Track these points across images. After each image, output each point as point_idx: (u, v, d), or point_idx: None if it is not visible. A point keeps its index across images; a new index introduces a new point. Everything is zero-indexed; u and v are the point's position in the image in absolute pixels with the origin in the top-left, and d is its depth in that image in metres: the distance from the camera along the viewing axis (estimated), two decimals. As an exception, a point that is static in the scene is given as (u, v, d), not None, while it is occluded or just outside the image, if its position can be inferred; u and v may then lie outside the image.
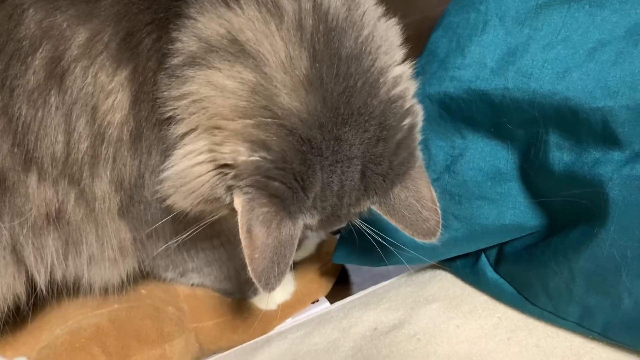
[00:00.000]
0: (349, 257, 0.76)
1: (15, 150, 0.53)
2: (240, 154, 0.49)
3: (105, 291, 0.70)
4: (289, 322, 0.81)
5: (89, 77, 0.52)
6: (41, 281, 0.62)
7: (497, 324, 0.70)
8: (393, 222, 0.57)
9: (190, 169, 0.53)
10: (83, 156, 0.55)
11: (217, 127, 0.50)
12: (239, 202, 0.51)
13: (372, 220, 0.60)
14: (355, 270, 0.90)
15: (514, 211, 0.65)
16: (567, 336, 0.66)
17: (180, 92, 0.51)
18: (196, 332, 0.77)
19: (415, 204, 0.56)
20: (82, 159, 0.55)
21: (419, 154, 0.57)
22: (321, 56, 0.48)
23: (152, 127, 0.55)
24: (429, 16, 1.01)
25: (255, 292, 0.80)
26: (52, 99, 0.53)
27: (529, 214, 0.65)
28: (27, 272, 0.62)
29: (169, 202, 0.56)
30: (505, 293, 0.70)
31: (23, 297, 0.64)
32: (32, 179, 0.55)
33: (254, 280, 0.51)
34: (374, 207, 0.57)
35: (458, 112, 0.66)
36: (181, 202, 0.55)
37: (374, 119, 0.51)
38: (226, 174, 0.51)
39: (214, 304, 0.80)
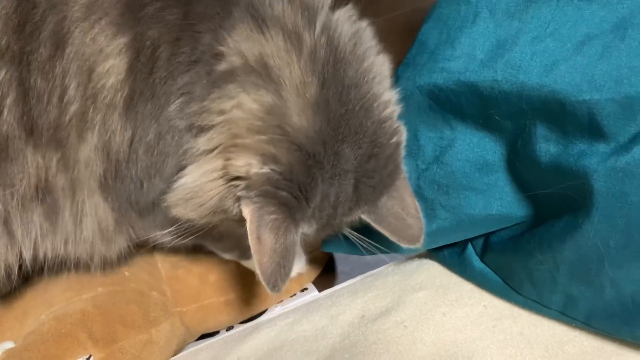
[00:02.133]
0: (338, 246, 0.77)
1: (24, 119, 0.55)
2: (253, 166, 0.54)
3: (87, 268, 0.70)
4: (277, 310, 0.82)
5: (87, 38, 0.54)
6: (27, 257, 0.63)
7: (483, 312, 0.71)
8: (380, 230, 0.63)
9: (202, 185, 0.57)
10: (72, 118, 0.56)
11: (234, 145, 0.55)
12: (248, 211, 0.55)
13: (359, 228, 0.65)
14: (343, 259, 0.91)
15: (501, 202, 0.66)
16: (550, 324, 0.67)
17: (218, 108, 0.55)
18: (180, 315, 0.78)
19: (401, 212, 0.63)
20: (70, 122, 0.56)
21: (404, 167, 0.64)
22: (329, 83, 0.55)
23: (148, 100, 0.56)
24: (420, 8, 1.01)
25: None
26: (57, 67, 0.55)
27: (516, 204, 0.66)
28: (17, 245, 0.62)
29: (174, 212, 0.60)
30: (490, 282, 0.71)
31: (15, 269, 0.64)
32: (29, 149, 0.57)
33: (263, 282, 0.55)
34: (364, 216, 0.62)
35: (447, 103, 0.67)
36: (189, 213, 0.60)
37: (367, 137, 0.57)
38: (237, 185, 0.56)
39: (197, 287, 0.80)
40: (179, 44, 0.55)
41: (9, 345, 0.72)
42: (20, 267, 0.65)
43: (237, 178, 0.55)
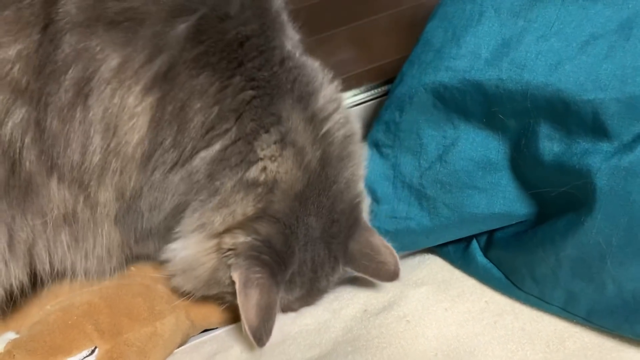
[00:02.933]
0: None
1: (42, 158, 0.60)
2: (239, 238, 0.64)
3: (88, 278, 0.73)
4: (279, 304, 0.83)
5: (116, 98, 0.59)
6: (42, 271, 0.68)
7: (485, 308, 0.71)
8: (360, 274, 0.72)
9: (198, 258, 0.67)
10: (94, 167, 0.62)
11: (228, 231, 0.65)
12: (237, 274, 0.65)
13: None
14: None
15: (504, 200, 0.66)
16: (551, 320, 0.68)
17: (225, 213, 0.64)
18: (186, 309, 0.78)
19: (370, 253, 0.71)
20: (93, 169, 0.62)
21: (365, 218, 0.72)
22: (312, 183, 0.66)
23: (164, 152, 0.62)
24: (423, 4, 1.02)
25: None
26: (77, 114, 0.59)
27: (519, 203, 0.66)
28: (32, 263, 0.66)
29: (173, 282, 0.71)
30: (493, 277, 0.72)
31: (26, 283, 0.67)
32: (54, 183, 0.61)
33: (250, 337, 0.65)
34: (346, 269, 0.72)
35: (452, 101, 0.68)
36: (186, 285, 0.70)
37: (326, 209, 0.67)
38: (228, 256, 0.65)
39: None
40: (221, 115, 0.62)
41: (12, 336, 0.72)
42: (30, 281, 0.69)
43: (228, 250, 0.65)
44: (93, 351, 0.69)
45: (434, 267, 0.79)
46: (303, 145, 0.65)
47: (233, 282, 0.65)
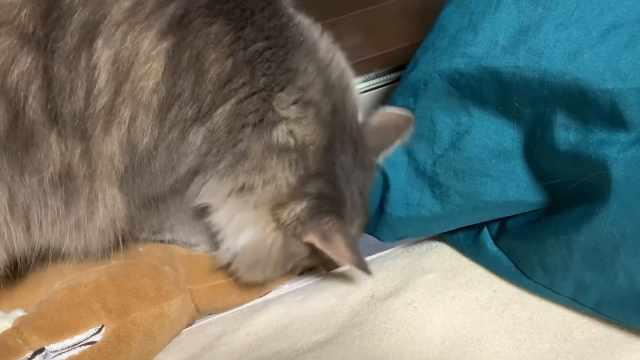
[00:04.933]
0: None
1: (48, 107, 0.57)
2: (296, 208, 0.66)
3: (85, 257, 0.70)
4: (285, 288, 0.83)
5: (128, 41, 0.57)
6: (35, 240, 0.64)
7: (492, 297, 0.71)
8: (391, 148, 0.75)
9: (262, 247, 0.69)
10: (99, 112, 0.58)
11: (278, 204, 0.66)
12: (311, 236, 0.67)
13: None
14: (351, 241, 0.91)
15: (517, 189, 0.66)
16: (559, 310, 0.68)
17: (264, 177, 0.65)
18: (191, 293, 0.78)
19: (383, 131, 0.74)
20: (97, 115, 0.58)
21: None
22: (334, 132, 0.68)
23: (186, 105, 0.60)
24: (436, -11, 1.01)
25: None
26: (83, 59, 0.56)
27: (532, 192, 0.66)
28: (29, 229, 0.63)
29: (245, 278, 0.74)
30: (502, 266, 0.71)
31: (27, 251, 0.65)
32: (53, 137, 0.58)
33: (360, 270, 0.69)
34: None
35: (467, 88, 0.67)
36: (260, 275, 0.73)
37: (349, 143, 0.70)
38: (293, 228, 0.67)
39: (209, 267, 0.80)
40: (236, 67, 0.60)
41: (20, 313, 0.72)
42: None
43: (291, 223, 0.67)
44: (100, 330, 0.69)
45: (442, 254, 0.79)
46: (319, 100, 0.66)
47: (308, 247, 0.69)
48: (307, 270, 0.82)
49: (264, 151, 0.64)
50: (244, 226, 0.68)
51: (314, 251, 0.70)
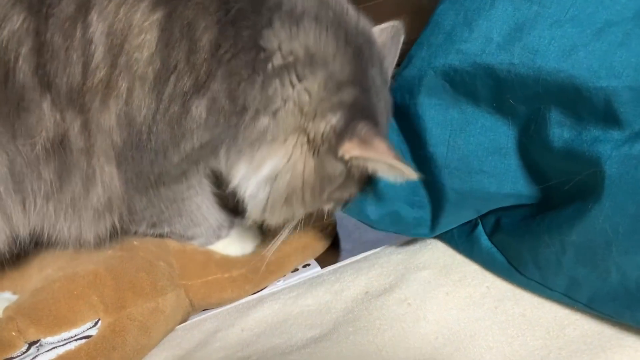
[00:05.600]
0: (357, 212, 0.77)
1: (39, 72, 0.56)
2: (330, 121, 0.63)
3: (80, 245, 0.69)
4: (280, 285, 0.83)
5: (120, 13, 0.57)
6: (31, 217, 0.64)
7: (486, 293, 0.72)
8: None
9: (294, 171, 0.65)
10: (97, 85, 0.58)
11: (309, 119, 0.64)
12: (351, 146, 0.63)
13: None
14: (346, 237, 0.92)
15: (514, 185, 0.66)
16: (552, 307, 0.68)
17: (284, 96, 0.62)
18: (186, 289, 0.78)
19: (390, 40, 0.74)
20: (95, 88, 0.58)
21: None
22: (346, 41, 0.64)
23: (184, 76, 0.59)
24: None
25: (219, 236, 0.82)
26: (78, 30, 0.56)
27: (528, 187, 0.66)
28: (25, 203, 0.63)
29: (277, 218, 0.70)
30: (495, 262, 0.72)
31: (24, 233, 0.65)
32: (46, 104, 0.58)
33: (411, 173, 0.63)
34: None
35: (461, 85, 0.67)
36: (299, 209, 0.69)
37: (374, 57, 0.68)
38: (326, 142, 0.64)
39: (203, 262, 0.80)
40: (222, 31, 0.59)
41: (8, 296, 0.71)
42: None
43: (325, 136, 0.64)
44: (96, 323, 0.69)
45: (436, 251, 0.79)
46: (317, 12, 0.63)
47: (343, 165, 0.65)
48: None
49: (262, 86, 0.61)
50: (276, 164, 0.65)
51: (349, 173, 0.67)
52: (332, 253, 0.90)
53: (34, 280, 0.72)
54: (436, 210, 0.72)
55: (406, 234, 0.80)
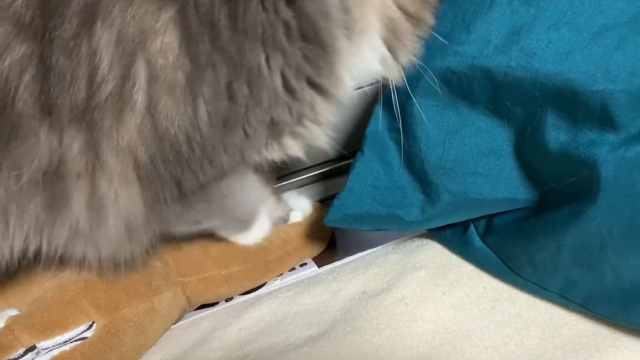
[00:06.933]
0: (343, 221, 0.77)
1: (42, 98, 0.53)
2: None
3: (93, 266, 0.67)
4: (277, 284, 0.83)
5: (128, 17, 0.52)
6: (15, 250, 0.61)
7: (482, 293, 0.72)
8: None
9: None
10: (106, 99, 0.54)
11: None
12: None
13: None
14: (342, 237, 0.92)
15: (508, 187, 0.67)
16: (548, 307, 0.69)
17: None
18: (182, 286, 0.79)
19: None
20: (104, 103, 0.54)
21: None
22: None
23: (217, 67, 0.54)
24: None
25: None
26: (83, 45, 0.53)
27: (522, 190, 0.67)
28: (10, 235, 0.59)
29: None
30: (490, 262, 0.72)
31: (11, 259, 0.62)
32: (44, 129, 0.54)
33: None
34: None
35: (458, 87, 0.68)
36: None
37: None
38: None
39: (198, 259, 0.81)
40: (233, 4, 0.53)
41: (13, 312, 0.72)
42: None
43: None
44: (91, 326, 0.70)
45: (433, 251, 0.79)
46: None
47: None
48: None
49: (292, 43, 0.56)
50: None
51: None
52: (328, 252, 0.90)
53: (34, 294, 0.73)
54: (427, 208, 0.72)
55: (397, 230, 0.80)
